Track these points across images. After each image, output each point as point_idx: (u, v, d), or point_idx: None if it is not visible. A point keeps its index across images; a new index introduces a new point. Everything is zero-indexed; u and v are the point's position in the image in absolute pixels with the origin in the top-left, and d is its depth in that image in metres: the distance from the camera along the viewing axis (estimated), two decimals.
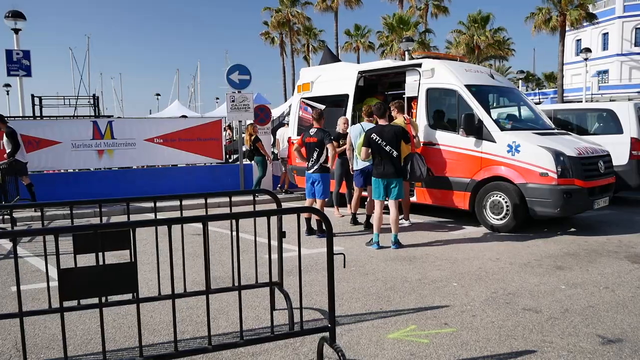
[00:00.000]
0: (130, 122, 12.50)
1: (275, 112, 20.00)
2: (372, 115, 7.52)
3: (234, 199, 4.63)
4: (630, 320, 4.06)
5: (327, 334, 3.23)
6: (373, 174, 6.69)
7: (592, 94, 32.00)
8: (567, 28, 31.24)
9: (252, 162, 11.81)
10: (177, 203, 5.58)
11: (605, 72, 41.60)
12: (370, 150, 6.64)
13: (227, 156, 17.80)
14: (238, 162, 12.33)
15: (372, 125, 7.33)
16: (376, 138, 6.54)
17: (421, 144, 7.95)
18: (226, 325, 4.21)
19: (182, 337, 3.92)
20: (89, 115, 18.29)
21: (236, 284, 3.82)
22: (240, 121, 12.25)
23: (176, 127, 11.81)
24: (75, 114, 20.00)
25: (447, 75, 8.00)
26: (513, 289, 4.90)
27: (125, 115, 38.15)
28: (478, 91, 7.81)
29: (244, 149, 11.92)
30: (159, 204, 9.81)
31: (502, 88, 8.64)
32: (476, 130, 7.45)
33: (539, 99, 35.30)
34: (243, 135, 13.93)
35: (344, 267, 3.77)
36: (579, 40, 43.30)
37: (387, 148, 6.52)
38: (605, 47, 42.47)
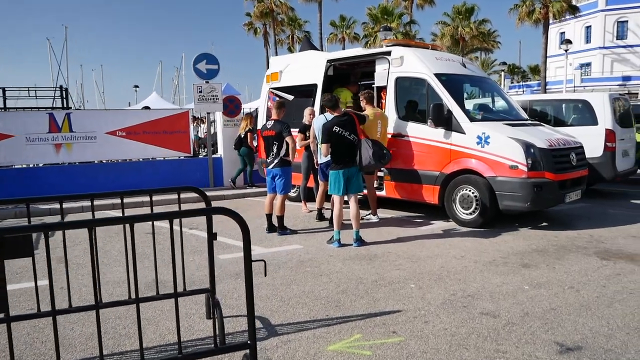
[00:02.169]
0: (90, 114, 12.00)
1: (256, 104, 19.48)
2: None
3: (190, 195, 4.17)
4: (592, 325, 3.75)
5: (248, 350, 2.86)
6: (332, 168, 6.31)
7: (574, 87, 31.91)
8: (550, 20, 31.04)
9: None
10: (135, 200, 5.14)
11: (588, 64, 41.63)
12: (330, 145, 6.26)
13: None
14: (217, 155, 11.90)
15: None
16: (338, 130, 6.16)
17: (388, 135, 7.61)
18: (153, 337, 3.81)
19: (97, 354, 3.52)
20: (59, 107, 17.65)
21: (170, 290, 3.47)
22: (208, 113, 11.80)
23: (140, 119, 11.30)
24: (53, 106, 19.37)
25: (416, 63, 7.63)
26: (473, 290, 4.57)
27: (107, 108, 37.22)
28: (448, 80, 7.45)
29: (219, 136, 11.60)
30: (105, 202, 9.35)
31: (475, 77, 8.30)
32: (445, 121, 7.10)
33: (523, 91, 35.18)
34: (214, 131, 13.52)
35: (265, 275, 3.37)
36: (562, 33, 43.18)
37: (352, 137, 6.19)
38: (588, 40, 42.47)
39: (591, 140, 8.91)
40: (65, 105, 18.65)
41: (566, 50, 26.80)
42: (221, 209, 2.84)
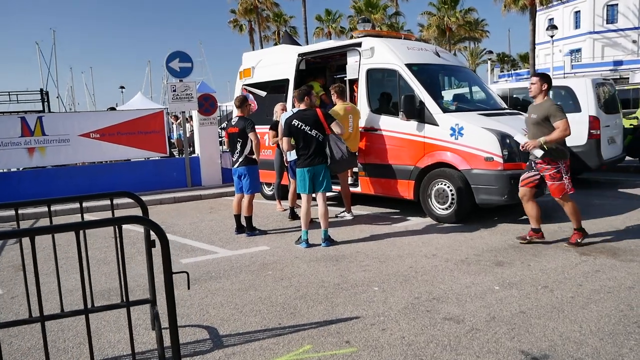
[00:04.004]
0: (62, 117, 11.69)
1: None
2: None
3: (161, 197, 3.86)
4: (563, 329, 3.47)
5: None
6: (297, 165, 6.01)
7: (564, 73, 31.57)
8: (537, 7, 30.62)
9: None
10: (95, 204, 4.80)
11: (578, 50, 41.28)
12: (292, 141, 5.96)
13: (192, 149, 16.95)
14: (195, 155, 11.58)
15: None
16: (298, 124, 5.86)
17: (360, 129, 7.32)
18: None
19: None
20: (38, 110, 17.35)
21: (114, 300, 3.12)
22: (183, 112, 11.47)
23: (114, 120, 10.95)
24: (43, 109, 19.08)
25: (387, 54, 7.32)
26: (440, 292, 4.28)
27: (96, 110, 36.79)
28: (420, 70, 7.14)
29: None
30: (62, 207, 8.92)
31: (449, 66, 7.98)
32: (417, 112, 6.79)
33: (513, 79, 34.83)
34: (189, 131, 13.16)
35: (189, 288, 3.07)
36: (551, 19, 42.76)
37: (313, 132, 5.87)
38: (577, 25, 42.07)
39: (574, 128, 8.48)
40: (47, 109, 18.36)
41: (551, 37, 26.46)
42: (134, 218, 2.54)
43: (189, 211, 9.07)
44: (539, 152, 5.22)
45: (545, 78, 5.40)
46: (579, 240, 5.45)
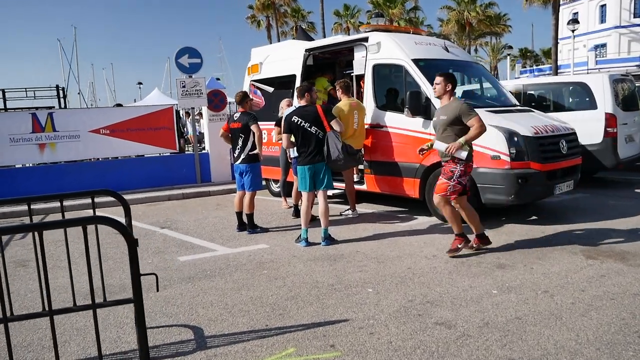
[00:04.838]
0: (73, 112, 11.77)
1: None
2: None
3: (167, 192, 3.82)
4: (559, 337, 3.31)
5: None
6: (298, 163, 5.93)
7: (587, 69, 30.75)
8: (561, 1, 29.83)
9: None
10: (85, 202, 4.81)
11: (604, 45, 40.06)
12: (292, 137, 5.87)
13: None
14: (205, 152, 11.59)
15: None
16: (298, 120, 5.77)
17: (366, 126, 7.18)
18: (76, 350, 3.53)
19: None
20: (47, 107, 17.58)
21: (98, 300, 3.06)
22: (193, 108, 11.47)
23: (124, 116, 11.00)
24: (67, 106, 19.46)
25: (394, 49, 7.16)
26: (435, 295, 4.14)
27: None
28: (427, 66, 6.96)
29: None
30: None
31: (459, 62, 7.76)
32: (423, 109, 6.63)
33: (535, 75, 34.08)
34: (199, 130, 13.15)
35: (157, 290, 3.00)
36: (575, 14, 41.54)
37: (313, 129, 5.77)
38: (603, 19, 40.78)
39: (590, 126, 8.35)
40: (62, 105, 18.62)
41: (573, 31, 25.73)
42: (102, 218, 2.48)
43: (196, 207, 9.06)
44: (463, 154, 4.91)
45: (449, 78, 5.14)
46: (459, 246, 5.17)
